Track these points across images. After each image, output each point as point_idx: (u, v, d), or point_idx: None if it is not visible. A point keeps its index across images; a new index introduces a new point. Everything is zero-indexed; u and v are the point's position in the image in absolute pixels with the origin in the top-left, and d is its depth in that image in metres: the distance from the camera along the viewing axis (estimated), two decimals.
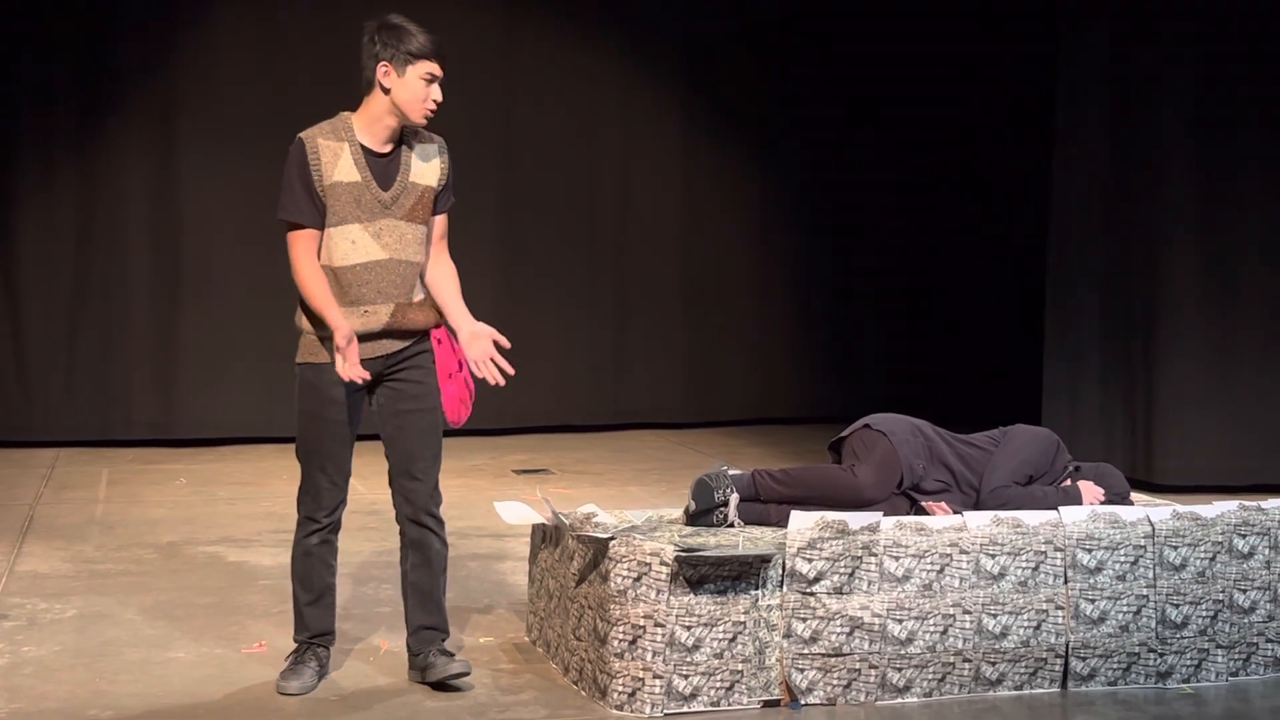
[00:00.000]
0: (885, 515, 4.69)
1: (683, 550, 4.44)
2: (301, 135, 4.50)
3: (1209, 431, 8.22)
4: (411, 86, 4.45)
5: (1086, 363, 8.66)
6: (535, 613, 5.13)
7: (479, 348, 4.54)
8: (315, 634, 4.69)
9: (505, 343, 4.53)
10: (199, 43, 9.88)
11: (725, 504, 4.89)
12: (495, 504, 5.33)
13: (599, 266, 10.75)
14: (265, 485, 8.42)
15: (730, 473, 4.98)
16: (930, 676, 4.63)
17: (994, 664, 4.68)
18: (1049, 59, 9.14)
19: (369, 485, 8.11)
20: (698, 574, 4.43)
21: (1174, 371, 8.27)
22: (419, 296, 4.57)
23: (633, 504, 7.19)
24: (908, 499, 4.99)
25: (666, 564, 4.40)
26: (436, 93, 4.49)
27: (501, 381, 4.52)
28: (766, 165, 11.08)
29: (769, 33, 10.94)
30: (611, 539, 4.49)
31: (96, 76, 9.72)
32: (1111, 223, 8.59)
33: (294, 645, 4.72)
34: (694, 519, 4.91)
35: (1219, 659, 4.85)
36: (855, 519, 4.58)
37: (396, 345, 4.57)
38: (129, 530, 7.08)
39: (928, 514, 4.89)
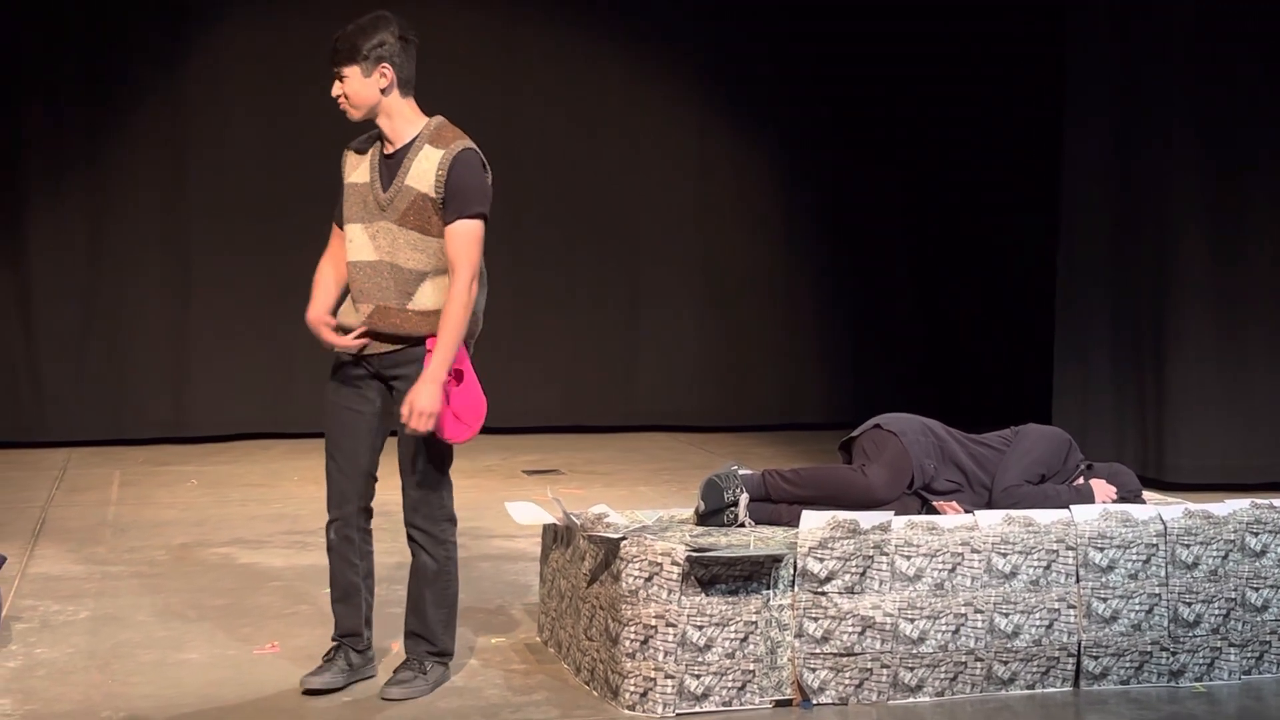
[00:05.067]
0: (896, 515, 4.68)
1: (694, 550, 4.44)
2: None
3: (1220, 429, 8.21)
4: None
5: (1097, 362, 8.65)
6: (547, 613, 5.14)
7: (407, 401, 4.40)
8: (342, 634, 4.69)
9: (420, 427, 4.39)
10: (209, 48, 9.93)
11: (735, 504, 4.89)
12: (506, 504, 5.33)
13: (611, 266, 10.73)
14: (276, 486, 8.43)
15: (740, 472, 4.97)
16: (942, 676, 4.62)
17: (1006, 663, 4.67)
18: (1058, 60, 9.14)
19: (379, 485, 8.12)
20: (709, 574, 4.43)
21: (1184, 369, 8.25)
22: (414, 304, 4.47)
23: (644, 504, 7.19)
24: (919, 499, 4.98)
25: (678, 564, 4.41)
26: (333, 88, 4.52)
27: (419, 430, 4.39)
28: (784, 164, 11.04)
29: (784, 28, 10.90)
30: (623, 539, 4.49)
31: (107, 81, 9.78)
32: (1120, 221, 8.57)
33: (330, 644, 4.73)
34: (704, 519, 4.90)
35: (1232, 657, 4.85)
36: (866, 518, 4.58)
37: (382, 347, 4.53)
38: (141, 532, 7.10)
39: (939, 514, 4.89)
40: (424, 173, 4.45)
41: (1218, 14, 8.16)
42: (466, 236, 4.44)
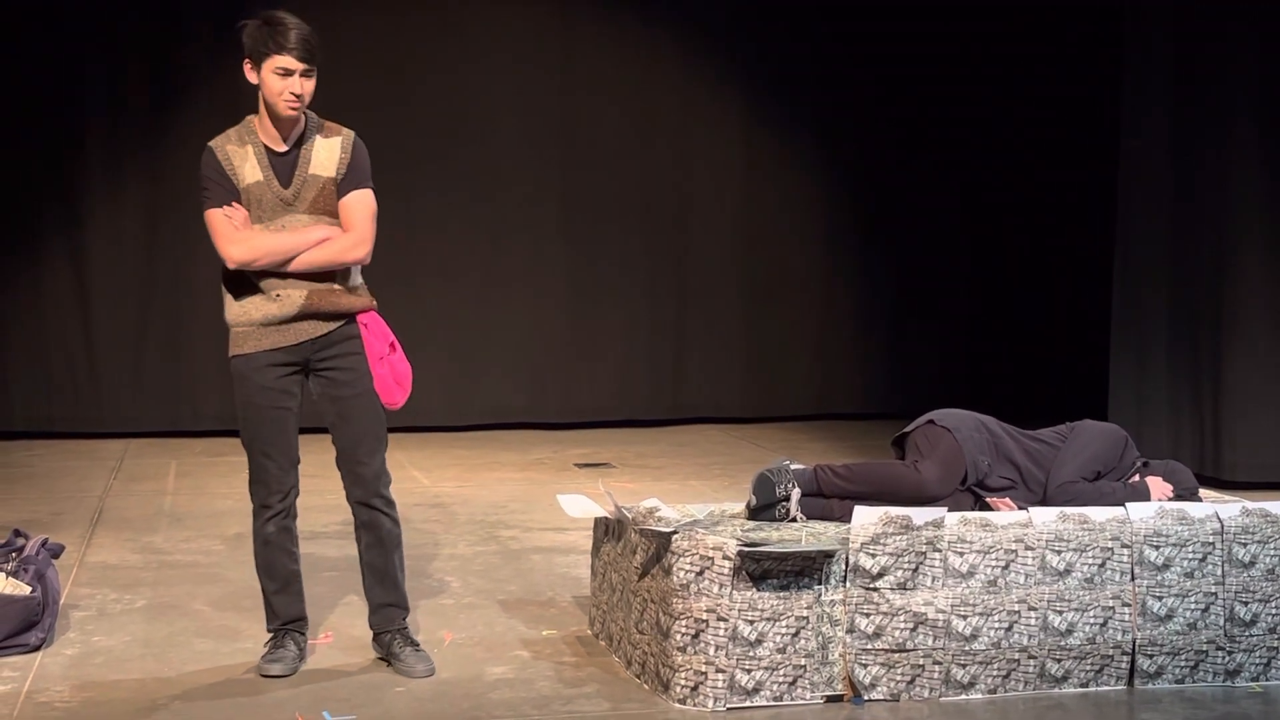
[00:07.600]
0: (949, 511, 4.66)
1: (746, 545, 4.44)
2: (210, 143, 4.70)
3: (1278, 427, 8.12)
4: (268, 82, 4.56)
5: (1153, 358, 8.57)
6: (598, 606, 5.15)
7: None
8: (287, 620, 4.81)
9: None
10: None
11: (787, 499, 4.88)
12: (558, 497, 5.35)
13: (660, 262, 10.74)
14: (331, 478, 8.40)
15: (792, 467, 4.96)
16: (995, 673, 4.60)
17: (1059, 661, 4.65)
18: (1114, 58, 9.05)
19: (433, 478, 8.16)
20: (760, 569, 4.43)
21: (1241, 367, 8.16)
22: (341, 284, 4.63)
23: (694, 498, 7.19)
24: (972, 495, 4.96)
25: (729, 558, 4.41)
26: (295, 85, 4.55)
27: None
28: (827, 162, 11.03)
29: (829, 31, 10.88)
30: (674, 533, 4.49)
31: (165, 77, 9.86)
32: (1178, 218, 8.49)
33: (269, 635, 4.84)
34: (756, 514, 4.90)
35: None
36: (919, 514, 4.56)
37: (321, 329, 4.64)
38: (197, 521, 7.17)
39: (993, 510, 4.86)
40: (327, 160, 4.64)
41: (1278, 11, 8.06)
42: (365, 200, 4.65)
